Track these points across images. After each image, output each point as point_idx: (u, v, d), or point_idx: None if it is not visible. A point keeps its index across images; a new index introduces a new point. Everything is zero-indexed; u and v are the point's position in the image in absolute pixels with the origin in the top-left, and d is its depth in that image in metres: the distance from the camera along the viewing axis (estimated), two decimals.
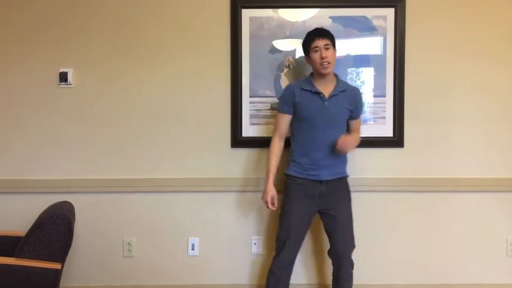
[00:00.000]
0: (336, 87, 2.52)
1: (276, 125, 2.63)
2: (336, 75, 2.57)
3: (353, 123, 2.62)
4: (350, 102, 2.54)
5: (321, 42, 2.45)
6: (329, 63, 2.44)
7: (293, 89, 2.54)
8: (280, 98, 2.63)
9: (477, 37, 2.90)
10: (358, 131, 2.66)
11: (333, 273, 2.60)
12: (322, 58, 2.43)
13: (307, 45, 2.51)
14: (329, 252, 2.60)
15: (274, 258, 2.56)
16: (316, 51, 2.45)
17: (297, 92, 2.52)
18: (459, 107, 2.92)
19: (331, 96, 2.49)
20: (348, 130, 2.62)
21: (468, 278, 2.97)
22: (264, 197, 2.56)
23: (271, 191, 2.54)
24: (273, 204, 2.55)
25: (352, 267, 2.56)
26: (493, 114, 2.92)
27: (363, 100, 2.73)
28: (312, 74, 2.58)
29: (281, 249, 2.52)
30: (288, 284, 2.57)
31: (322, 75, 2.50)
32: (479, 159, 2.94)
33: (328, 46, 2.45)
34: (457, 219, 2.95)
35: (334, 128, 2.50)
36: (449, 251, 2.96)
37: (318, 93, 2.49)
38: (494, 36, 2.90)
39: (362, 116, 2.77)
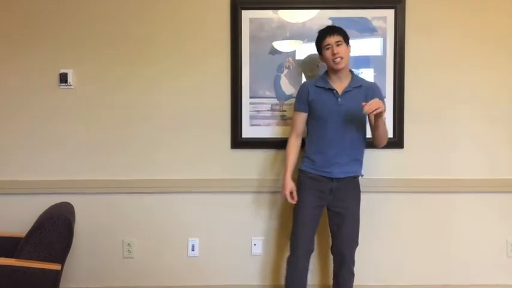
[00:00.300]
0: (350, 83, 2.51)
1: (292, 124, 2.65)
2: (351, 72, 2.56)
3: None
4: (366, 97, 2.48)
5: (332, 39, 2.45)
6: (341, 58, 2.43)
7: (307, 87, 2.56)
8: (296, 97, 2.64)
9: (477, 38, 2.91)
10: None
11: (333, 270, 2.60)
12: (333, 54, 2.43)
13: (319, 44, 2.52)
14: (332, 249, 2.60)
15: (289, 257, 2.55)
16: (328, 48, 2.46)
17: (311, 90, 2.54)
18: (459, 108, 2.92)
19: (345, 92, 2.48)
20: (370, 125, 2.54)
21: (468, 279, 2.96)
22: (282, 192, 2.57)
23: (290, 185, 2.55)
24: (292, 197, 2.55)
25: (354, 265, 2.56)
26: (493, 115, 2.93)
27: (382, 95, 2.60)
28: (326, 71, 2.57)
29: (296, 243, 2.52)
30: (306, 282, 2.56)
31: (336, 72, 2.49)
32: (479, 160, 2.94)
33: (339, 42, 2.45)
34: (457, 220, 2.95)
35: (349, 125, 2.48)
36: (449, 251, 2.96)
37: (331, 89, 2.49)
38: (494, 38, 2.91)
39: None
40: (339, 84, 2.51)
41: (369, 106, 2.27)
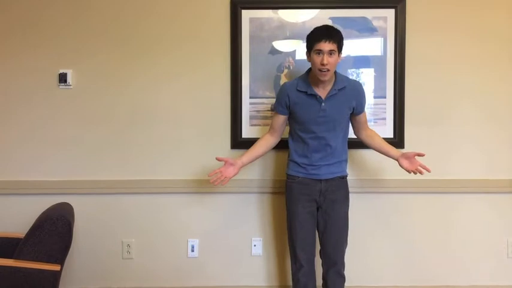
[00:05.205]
0: (334, 85, 2.40)
1: (271, 123, 2.60)
2: (334, 72, 2.42)
3: (359, 118, 2.53)
4: (351, 99, 2.43)
5: (326, 46, 2.27)
6: (328, 70, 2.29)
7: (287, 92, 2.44)
8: (276, 97, 2.58)
9: (477, 38, 2.90)
10: (367, 127, 2.59)
11: (322, 273, 2.55)
12: (322, 64, 2.27)
13: (311, 44, 2.33)
14: (320, 252, 2.55)
15: (293, 264, 2.53)
16: (319, 54, 2.29)
17: (292, 95, 2.43)
18: (459, 108, 2.92)
19: (329, 96, 2.40)
20: (354, 126, 2.56)
21: (468, 280, 2.96)
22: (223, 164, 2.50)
23: (231, 160, 2.49)
24: (219, 180, 2.45)
25: (344, 269, 2.52)
26: (493, 115, 2.92)
27: (365, 96, 2.54)
28: (310, 70, 2.44)
29: (295, 251, 2.49)
30: (315, 284, 2.55)
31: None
32: (480, 160, 2.93)
33: (333, 51, 2.28)
34: (457, 220, 2.95)
35: (333, 129, 2.43)
36: (449, 252, 2.96)
37: (314, 94, 2.40)
38: (494, 38, 2.90)
39: None
40: (322, 87, 2.39)
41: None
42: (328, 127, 2.43)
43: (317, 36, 2.31)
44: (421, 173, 2.43)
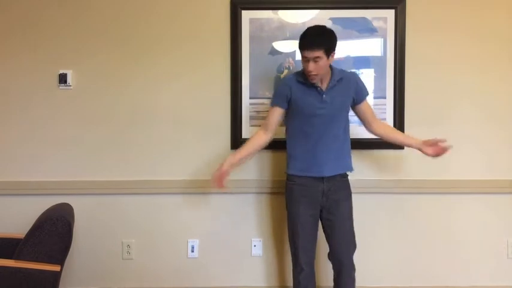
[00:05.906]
0: (332, 77, 2.40)
1: (266, 119, 2.54)
2: (330, 66, 2.41)
3: (363, 109, 2.51)
4: (350, 88, 2.43)
5: (310, 54, 2.26)
6: (316, 75, 2.31)
7: (289, 84, 2.43)
8: (275, 91, 2.56)
9: (477, 38, 2.90)
10: (376, 119, 2.55)
11: (334, 278, 2.54)
12: (308, 71, 2.30)
13: (299, 48, 2.33)
14: (329, 256, 2.54)
15: (294, 267, 2.52)
16: (305, 61, 2.30)
17: (293, 87, 2.42)
18: (459, 108, 2.92)
19: (329, 88, 2.39)
20: (363, 120, 2.54)
21: (468, 280, 2.96)
22: (215, 172, 2.47)
23: (227, 165, 2.45)
24: (220, 181, 2.46)
25: (354, 271, 2.50)
26: (493, 115, 2.92)
27: (362, 82, 2.52)
28: None
29: (296, 254, 2.48)
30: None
31: None
32: (479, 160, 2.93)
33: (317, 59, 2.26)
34: (457, 221, 2.95)
35: (335, 121, 2.41)
36: (449, 252, 2.96)
37: (315, 86, 2.39)
38: (494, 38, 2.90)
39: None
40: (320, 80, 2.40)
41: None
42: (330, 119, 2.41)
43: (300, 44, 2.31)
44: (446, 152, 2.47)
